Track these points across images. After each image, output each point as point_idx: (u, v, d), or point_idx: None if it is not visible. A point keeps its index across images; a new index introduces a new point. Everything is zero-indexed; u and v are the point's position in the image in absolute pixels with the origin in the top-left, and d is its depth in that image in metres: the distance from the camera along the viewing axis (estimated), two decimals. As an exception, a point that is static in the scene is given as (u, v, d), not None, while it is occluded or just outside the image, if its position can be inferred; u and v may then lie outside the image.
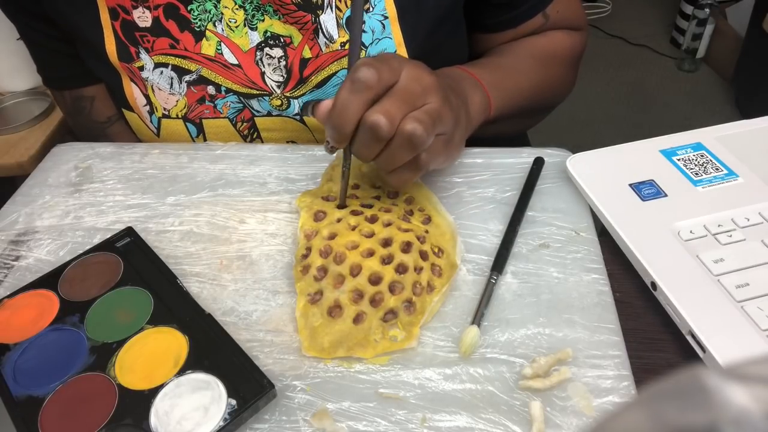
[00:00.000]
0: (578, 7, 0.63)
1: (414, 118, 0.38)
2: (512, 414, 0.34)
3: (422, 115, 0.38)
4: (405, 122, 0.38)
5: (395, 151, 0.39)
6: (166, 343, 0.39)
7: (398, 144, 0.38)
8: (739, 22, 1.95)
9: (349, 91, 0.37)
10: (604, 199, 0.46)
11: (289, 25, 0.54)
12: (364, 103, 0.38)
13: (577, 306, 0.40)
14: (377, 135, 0.37)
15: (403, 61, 0.40)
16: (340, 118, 0.38)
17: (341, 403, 0.36)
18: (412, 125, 0.38)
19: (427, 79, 0.40)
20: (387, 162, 0.40)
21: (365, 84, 0.37)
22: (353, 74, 0.37)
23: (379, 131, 0.37)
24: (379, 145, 0.39)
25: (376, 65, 0.37)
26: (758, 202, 0.44)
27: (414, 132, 0.37)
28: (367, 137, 0.38)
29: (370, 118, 0.37)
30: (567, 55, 0.63)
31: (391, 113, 0.37)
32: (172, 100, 0.58)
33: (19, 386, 0.37)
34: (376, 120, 0.37)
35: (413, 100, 0.39)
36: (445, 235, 0.44)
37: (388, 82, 0.38)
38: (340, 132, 0.39)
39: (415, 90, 0.39)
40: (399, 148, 0.39)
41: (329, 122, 0.39)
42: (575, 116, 1.95)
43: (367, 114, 0.38)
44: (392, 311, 0.39)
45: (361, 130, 0.38)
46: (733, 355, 0.35)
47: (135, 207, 0.51)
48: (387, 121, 0.37)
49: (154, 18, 0.55)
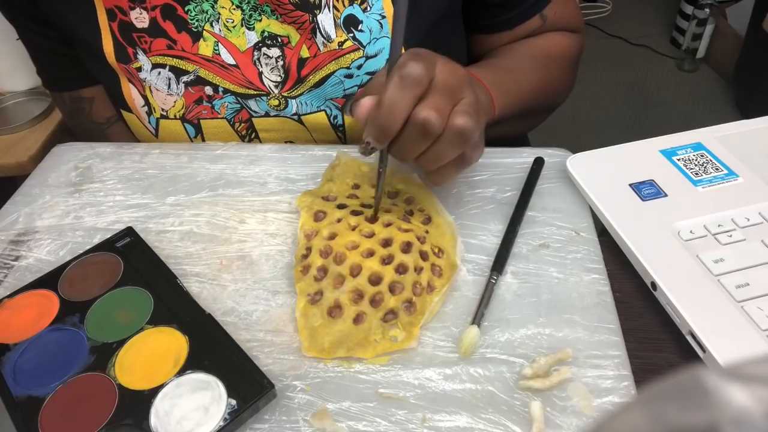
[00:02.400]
0: (575, 9, 0.63)
1: (463, 113, 0.37)
2: (512, 414, 0.34)
3: (468, 108, 0.38)
4: (454, 117, 0.37)
5: (445, 147, 0.38)
6: (166, 343, 0.39)
7: (449, 140, 0.38)
8: (739, 22, 1.95)
9: (398, 87, 0.36)
10: (604, 199, 0.46)
11: (287, 25, 0.54)
12: (414, 99, 0.37)
13: (577, 306, 0.40)
14: (428, 132, 0.37)
15: (435, 55, 0.39)
16: (390, 116, 0.36)
17: (341, 403, 0.36)
18: (464, 119, 0.37)
19: (460, 71, 0.39)
20: (434, 159, 0.39)
21: (415, 80, 0.36)
22: (402, 70, 0.36)
23: (430, 127, 0.36)
24: (428, 142, 0.38)
25: (420, 61, 0.36)
26: (758, 202, 0.44)
27: (466, 126, 0.37)
28: (416, 134, 0.37)
29: (421, 114, 0.36)
30: (566, 56, 0.63)
31: (441, 109, 0.37)
32: (170, 100, 0.58)
33: (19, 386, 0.37)
34: (427, 116, 0.36)
35: (454, 94, 0.38)
36: (445, 235, 0.44)
37: (431, 75, 0.37)
38: (387, 130, 0.37)
39: (454, 83, 0.38)
40: (449, 144, 0.38)
41: (375, 120, 0.37)
42: (575, 116, 1.95)
43: (416, 110, 0.37)
44: (392, 311, 0.39)
45: (409, 128, 0.37)
46: (733, 355, 0.35)
47: (135, 207, 0.51)
48: (439, 117, 0.36)
49: (151, 19, 0.55)
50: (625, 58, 2.23)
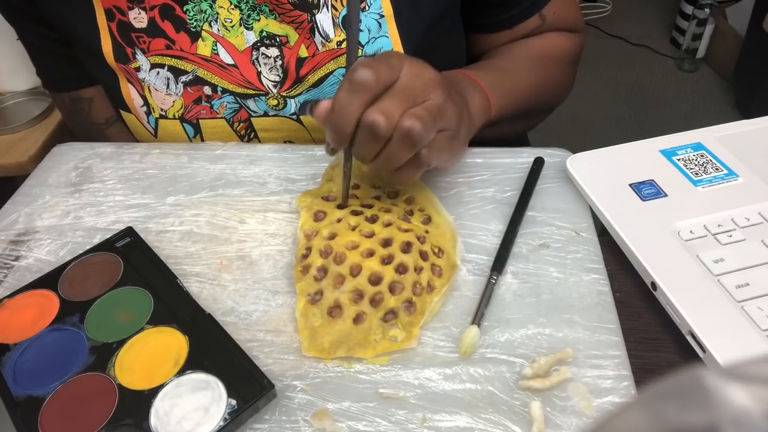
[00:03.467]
0: (575, 9, 0.63)
1: (411, 115, 0.37)
2: (512, 414, 0.34)
3: (420, 111, 0.38)
4: (402, 119, 0.37)
5: (395, 149, 0.39)
6: (166, 343, 0.39)
7: (397, 141, 0.38)
8: (739, 22, 1.95)
9: (347, 91, 0.37)
10: (604, 199, 0.46)
11: (285, 25, 0.54)
12: (363, 103, 0.37)
13: (577, 306, 0.40)
14: (376, 134, 0.37)
15: (404, 58, 0.39)
16: (339, 119, 0.38)
17: (341, 403, 0.36)
18: (409, 121, 0.37)
19: (428, 74, 0.39)
20: (387, 161, 0.40)
21: (363, 84, 0.37)
22: (351, 75, 0.37)
23: (377, 130, 0.37)
24: (378, 145, 0.38)
25: (375, 65, 0.37)
26: (758, 202, 0.44)
27: (411, 128, 0.37)
28: (366, 137, 0.38)
29: (368, 117, 0.37)
30: (565, 56, 0.63)
31: (390, 111, 0.37)
32: (169, 100, 0.58)
33: (19, 386, 0.37)
34: (373, 119, 0.37)
35: (413, 97, 0.38)
36: (445, 235, 0.44)
37: (388, 80, 0.38)
38: (340, 133, 0.38)
39: (416, 86, 0.38)
40: (398, 146, 0.38)
41: (328, 124, 0.39)
42: (575, 116, 1.95)
43: (365, 114, 0.37)
44: (392, 311, 0.39)
45: (360, 130, 0.38)
46: (733, 355, 0.35)
47: (135, 207, 0.51)
48: (385, 120, 0.37)
49: (149, 19, 0.55)
50: (625, 58, 2.23)
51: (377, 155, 0.40)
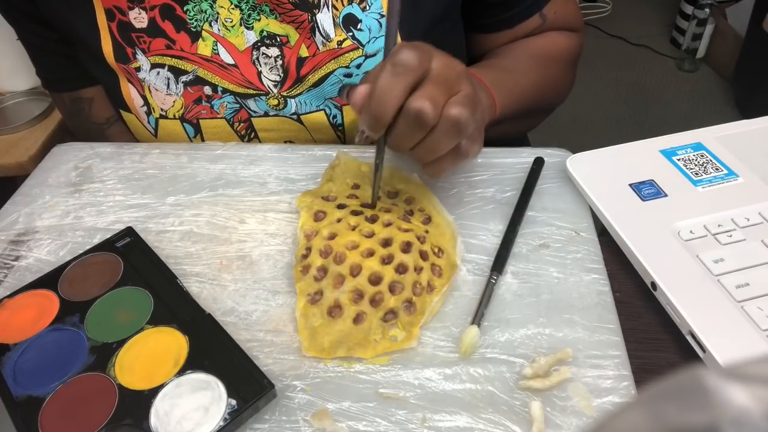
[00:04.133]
0: (575, 9, 0.63)
1: (458, 103, 0.37)
2: (512, 414, 0.34)
3: (464, 99, 0.37)
4: (449, 107, 0.36)
5: (439, 138, 0.38)
6: (166, 343, 0.39)
7: (443, 130, 0.37)
8: (739, 22, 1.95)
9: (390, 74, 0.35)
10: (604, 199, 0.46)
11: (286, 24, 0.54)
12: (406, 87, 0.36)
13: (577, 306, 0.40)
14: (422, 122, 0.36)
15: (433, 48, 0.39)
16: (381, 104, 0.36)
17: (341, 403, 0.36)
18: (458, 110, 0.36)
19: (458, 66, 0.39)
20: (429, 151, 0.39)
21: (408, 67, 0.35)
22: (394, 57, 0.35)
23: (424, 117, 0.36)
24: (422, 133, 0.37)
25: (416, 49, 0.36)
26: (758, 202, 0.44)
27: (460, 117, 0.36)
28: (410, 124, 0.37)
29: (415, 103, 0.36)
30: (565, 55, 0.63)
31: (435, 99, 0.36)
32: (169, 100, 0.58)
33: (19, 386, 0.37)
34: (420, 106, 0.35)
35: (450, 86, 0.37)
36: (445, 235, 0.44)
37: (427, 67, 0.37)
38: (380, 119, 0.37)
39: (451, 76, 0.37)
40: (443, 135, 0.37)
41: (368, 108, 0.37)
42: (575, 116, 1.95)
43: (410, 100, 0.36)
44: (392, 311, 0.39)
45: (403, 117, 0.37)
46: (733, 355, 0.35)
47: (135, 207, 0.51)
48: (432, 107, 0.35)
49: (150, 19, 0.55)
50: (625, 58, 2.23)
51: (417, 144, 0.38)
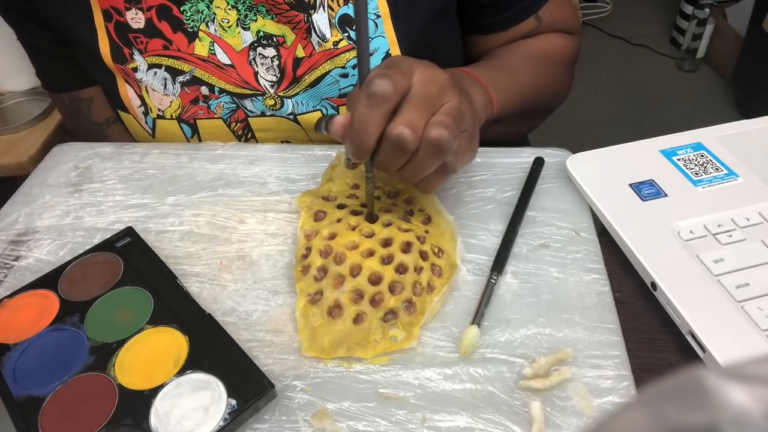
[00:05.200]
0: (572, 12, 0.63)
1: (438, 124, 0.36)
2: (512, 414, 0.34)
3: (445, 118, 0.37)
4: (429, 129, 0.36)
5: (422, 161, 0.38)
6: (166, 343, 0.39)
7: (425, 153, 0.37)
8: (739, 22, 1.95)
9: (366, 106, 0.36)
10: (604, 199, 0.46)
11: (282, 25, 0.54)
12: (384, 116, 0.36)
13: (577, 306, 0.40)
14: (402, 148, 0.36)
15: (413, 62, 0.39)
16: (360, 135, 0.36)
17: (341, 403, 0.36)
18: (438, 131, 0.36)
19: (441, 77, 0.38)
20: (414, 172, 0.39)
21: (382, 97, 0.35)
22: (368, 88, 0.36)
23: (404, 144, 0.36)
24: (405, 157, 0.37)
25: (390, 74, 0.36)
26: (758, 202, 0.44)
27: (440, 138, 0.36)
28: (392, 151, 0.37)
29: (394, 131, 0.36)
30: (562, 56, 0.63)
31: (414, 123, 0.36)
32: (166, 101, 0.58)
33: (19, 386, 0.37)
34: (399, 133, 0.36)
35: (432, 103, 0.37)
36: (445, 235, 0.44)
37: (404, 89, 0.37)
38: (361, 149, 0.37)
39: (432, 92, 0.37)
40: (426, 157, 0.37)
41: (348, 139, 0.37)
42: (575, 116, 1.95)
43: (389, 128, 0.36)
44: (392, 311, 0.39)
45: (384, 144, 0.37)
46: (733, 355, 0.35)
47: (135, 207, 0.51)
48: (411, 132, 0.36)
49: (147, 19, 0.55)
50: (625, 58, 2.23)
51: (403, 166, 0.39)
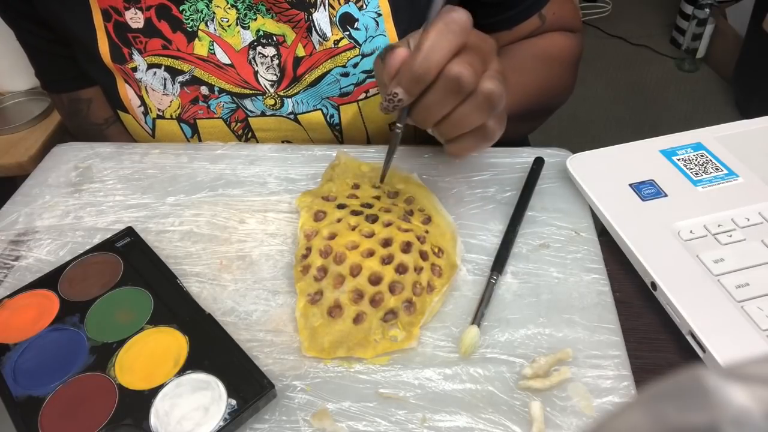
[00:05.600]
0: (574, 10, 0.63)
1: (492, 77, 0.36)
2: (512, 414, 0.34)
3: (498, 74, 0.36)
4: (485, 80, 0.35)
5: (471, 110, 0.36)
6: (166, 343, 0.39)
7: (476, 102, 0.36)
8: (739, 22, 1.95)
9: (441, 32, 0.34)
10: (604, 199, 0.46)
11: (282, 24, 0.54)
12: (454, 48, 0.34)
13: (577, 306, 0.40)
14: (460, 88, 0.35)
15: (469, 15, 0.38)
16: (427, 61, 0.34)
17: (341, 403, 0.36)
18: (493, 83, 0.35)
19: (490, 40, 0.38)
20: (456, 125, 0.37)
21: (461, 27, 0.34)
22: (448, 15, 0.34)
23: (463, 83, 0.34)
24: (456, 101, 0.36)
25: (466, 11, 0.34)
26: (758, 202, 0.44)
27: (494, 91, 0.35)
28: (446, 91, 0.35)
29: (455, 68, 0.34)
30: (566, 55, 0.63)
31: (475, 66, 0.35)
32: (166, 100, 0.58)
33: (19, 386, 0.37)
34: (461, 71, 0.34)
35: (485, 58, 0.36)
36: (445, 235, 0.44)
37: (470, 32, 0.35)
38: (422, 77, 0.35)
39: (485, 49, 0.37)
40: (475, 107, 0.36)
41: (410, 66, 0.35)
42: (575, 116, 1.95)
43: (451, 64, 0.34)
44: (392, 311, 0.39)
45: (440, 81, 0.35)
46: (733, 355, 0.35)
47: (135, 207, 0.51)
48: (472, 74, 0.34)
49: (146, 19, 0.55)
50: (625, 58, 2.23)
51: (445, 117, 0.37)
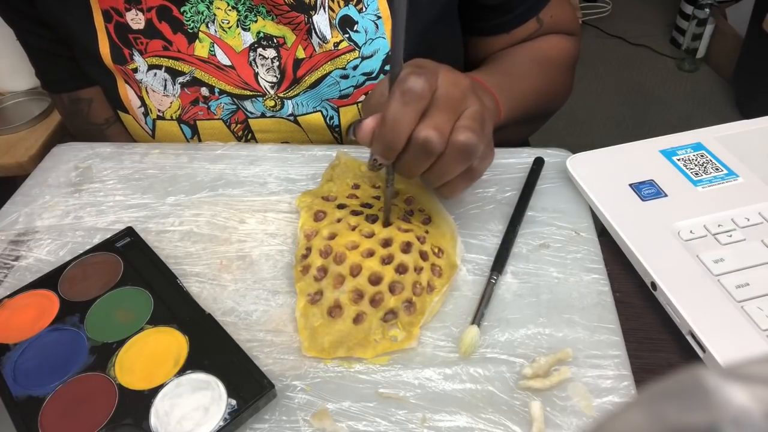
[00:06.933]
0: (571, 13, 0.63)
1: (465, 128, 0.36)
2: (512, 414, 0.34)
3: (471, 122, 0.37)
4: (456, 133, 0.36)
5: (448, 164, 0.38)
6: (166, 343, 0.39)
7: (451, 157, 0.37)
8: (739, 22, 1.95)
9: (400, 103, 0.35)
10: (604, 199, 0.46)
11: (283, 26, 0.54)
12: (416, 115, 0.36)
13: (577, 306, 0.40)
14: (429, 150, 0.36)
15: (437, 65, 0.38)
16: (393, 133, 0.36)
17: (341, 403, 0.36)
18: (465, 135, 0.36)
19: (463, 81, 0.38)
20: (438, 176, 0.39)
21: (418, 95, 0.35)
22: (403, 85, 0.35)
23: (431, 147, 0.36)
24: (430, 161, 0.37)
25: (422, 72, 0.35)
26: (758, 202, 0.44)
27: (468, 142, 0.36)
28: (418, 154, 0.37)
29: (422, 134, 0.35)
30: (564, 58, 0.63)
31: (441, 126, 0.36)
32: (166, 101, 0.58)
33: (19, 386, 0.37)
34: (427, 136, 0.35)
35: (456, 107, 0.37)
36: (445, 235, 0.44)
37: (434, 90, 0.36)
38: (392, 148, 0.36)
39: (456, 95, 0.37)
40: (452, 161, 0.37)
41: (380, 137, 0.37)
42: (575, 116, 1.95)
43: (417, 130, 0.36)
44: (392, 311, 0.39)
45: (411, 147, 0.36)
46: (733, 355, 0.35)
47: (135, 207, 0.51)
48: (439, 135, 0.35)
49: (147, 20, 0.55)
50: (625, 58, 2.23)
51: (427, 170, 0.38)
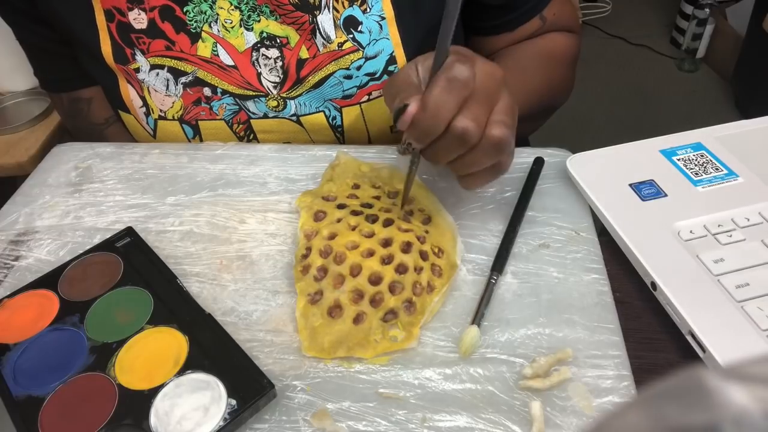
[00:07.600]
0: (572, 10, 0.63)
1: (500, 123, 0.37)
2: (512, 414, 0.34)
3: (505, 117, 0.37)
4: (491, 127, 0.37)
5: (479, 157, 0.38)
6: (166, 343, 0.39)
7: (484, 150, 0.37)
8: (739, 22, 1.95)
9: (445, 90, 0.35)
10: (604, 199, 0.46)
11: (286, 26, 0.54)
12: (460, 102, 0.36)
13: (577, 306, 0.40)
14: (465, 141, 0.36)
15: (474, 56, 0.38)
16: (433, 120, 0.36)
17: (341, 403, 0.36)
18: (501, 130, 0.37)
19: (498, 73, 0.38)
20: (468, 166, 0.39)
21: (463, 84, 0.35)
22: (450, 72, 0.35)
23: (468, 137, 0.36)
24: (463, 151, 0.38)
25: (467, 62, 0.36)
26: (758, 202, 0.44)
27: (502, 137, 0.37)
28: (453, 143, 0.37)
29: (461, 124, 0.36)
30: (567, 55, 0.63)
31: (479, 119, 0.36)
32: (168, 101, 0.58)
33: (19, 386, 0.37)
34: (465, 126, 0.36)
35: (492, 99, 0.37)
36: (445, 235, 0.44)
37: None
38: (429, 133, 0.37)
39: (492, 88, 0.37)
40: (484, 154, 0.38)
41: (419, 122, 0.37)
42: (575, 116, 1.95)
43: (456, 120, 0.36)
44: (392, 311, 0.39)
45: (447, 135, 0.37)
46: (733, 355, 0.35)
47: (135, 207, 0.51)
48: (477, 128, 0.36)
49: (149, 20, 0.55)
50: (625, 58, 2.23)
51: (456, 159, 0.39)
